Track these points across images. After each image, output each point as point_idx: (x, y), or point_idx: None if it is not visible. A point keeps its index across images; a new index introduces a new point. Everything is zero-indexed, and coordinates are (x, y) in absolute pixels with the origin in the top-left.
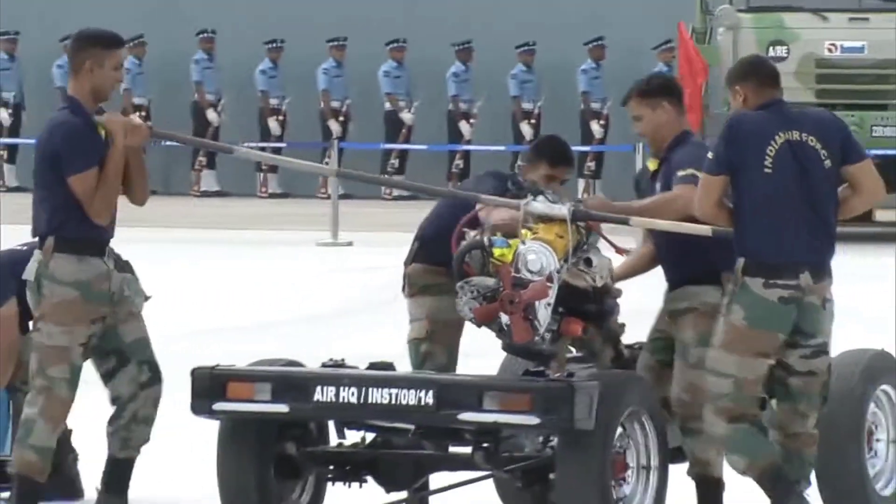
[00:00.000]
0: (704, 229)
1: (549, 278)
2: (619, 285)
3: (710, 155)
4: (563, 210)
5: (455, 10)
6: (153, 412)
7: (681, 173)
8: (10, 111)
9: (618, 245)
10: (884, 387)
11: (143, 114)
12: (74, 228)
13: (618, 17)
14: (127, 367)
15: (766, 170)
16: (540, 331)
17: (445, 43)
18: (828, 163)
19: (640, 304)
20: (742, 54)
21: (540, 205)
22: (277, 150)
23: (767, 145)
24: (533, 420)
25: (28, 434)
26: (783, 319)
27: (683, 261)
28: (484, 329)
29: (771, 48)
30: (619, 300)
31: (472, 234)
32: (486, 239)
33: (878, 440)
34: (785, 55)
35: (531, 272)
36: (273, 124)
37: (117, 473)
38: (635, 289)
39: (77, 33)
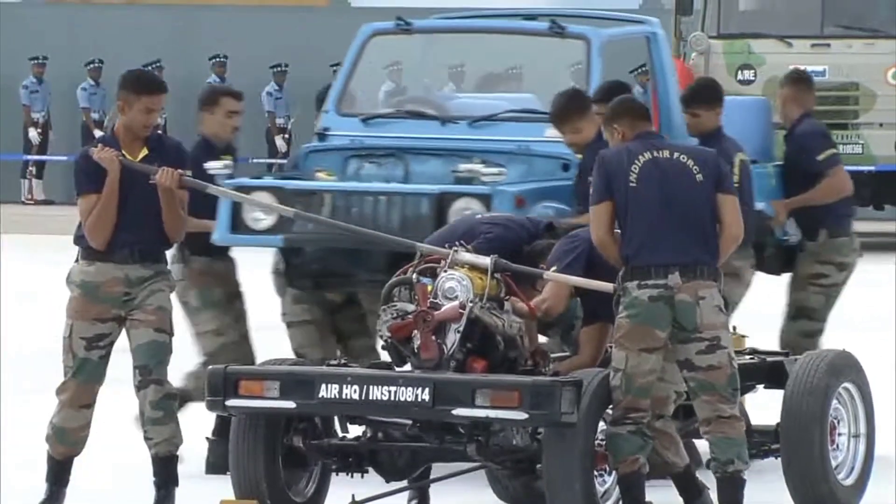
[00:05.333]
0: (606, 286)
1: (462, 306)
2: None
3: (591, 189)
4: (486, 260)
5: None
6: (154, 413)
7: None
8: (38, 130)
9: (527, 302)
10: (846, 384)
11: (160, 131)
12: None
13: None
14: (133, 371)
15: (632, 184)
16: (447, 353)
17: None
18: (700, 177)
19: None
20: (713, 76)
21: (467, 255)
22: (283, 166)
23: (632, 164)
24: (521, 415)
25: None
26: (657, 316)
27: None
28: None
29: (739, 72)
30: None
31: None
32: (414, 276)
33: (840, 434)
34: (752, 78)
35: (448, 298)
36: (279, 141)
37: (155, 469)
38: None
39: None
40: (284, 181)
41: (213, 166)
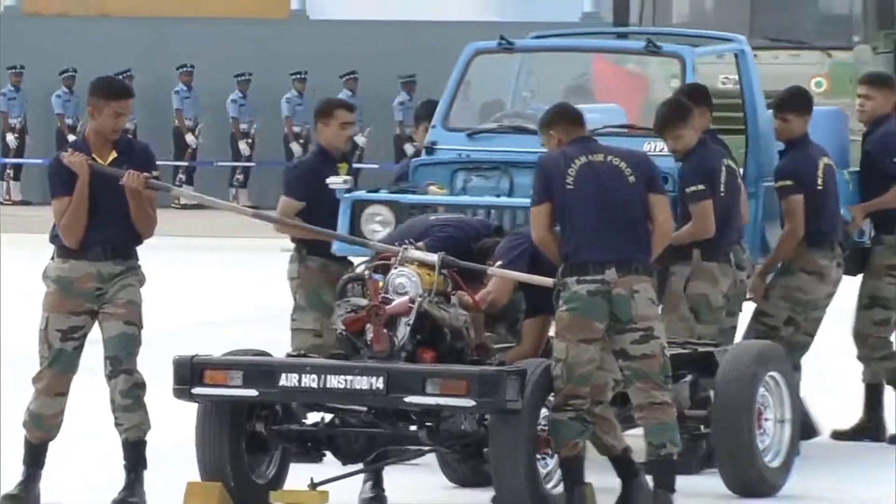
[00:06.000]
0: (547, 281)
1: (412, 300)
2: None
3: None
4: (434, 257)
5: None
6: (124, 401)
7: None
8: (16, 135)
9: (473, 296)
10: (772, 373)
11: (130, 135)
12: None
13: None
14: (105, 361)
15: (569, 186)
16: (398, 344)
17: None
18: (632, 178)
19: None
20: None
21: (416, 252)
22: (247, 169)
23: (568, 167)
24: (469, 402)
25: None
26: (595, 309)
27: None
28: None
29: (673, 80)
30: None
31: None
32: (366, 272)
33: (766, 419)
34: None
35: (398, 293)
36: (243, 146)
37: (125, 454)
38: None
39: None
40: (400, 195)
41: (333, 181)
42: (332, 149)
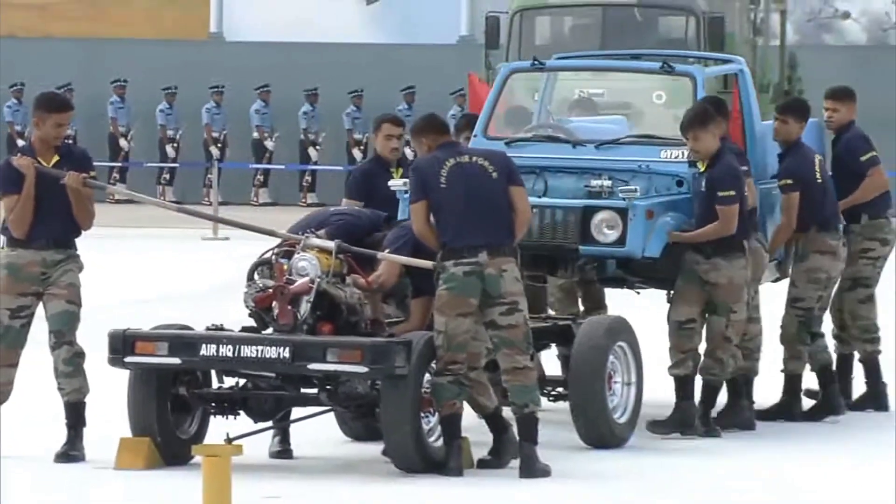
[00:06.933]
0: (428, 264)
1: (312, 281)
2: None
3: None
4: (331, 244)
5: (315, 63)
6: (66, 368)
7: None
8: None
9: (366, 277)
10: (620, 343)
11: (71, 141)
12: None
13: (427, 71)
14: (49, 335)
15: (442, 185)
16: (300, 319)
17: (299, 89)
18: (495, 175)
19: None
20: (518, 99)
21: (316, 240)
22: (173, 169)
23: (441, 169)
24: (363, 369)
25: None
26: (470, 287)
27: None
28: None
29: (535, 94)
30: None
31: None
32: (273, 257)
33: (615, 382)
34: (528, 101)
35: (300, 275)
36: (169, 149)
37: (66, 413)
38: None
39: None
40: None
41: (394, 184)
42: (384, 156)
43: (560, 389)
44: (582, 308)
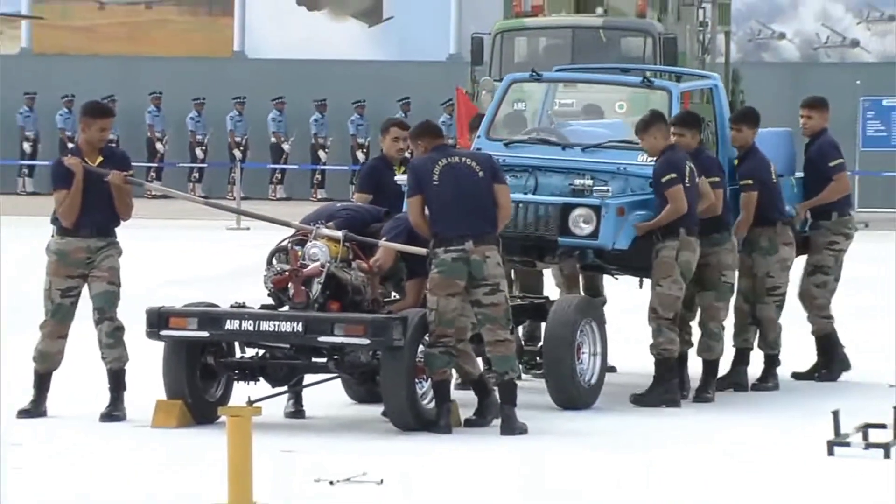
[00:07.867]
0: (422, 251)
1: (322, 266)
2: None
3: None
4: (338, 234)
5: (324, 76)
6: (108, 340)
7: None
8: (30, 143)
9: (368, 262)
10: (588, 318)
11: (113, 144)
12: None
13: (420, 85)
14: (93, 312)
15: (435, 182)
16: (312, 298)
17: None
18: (481, 174)
19: None
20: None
21: (325, 230)
22: (201, 169)
23: (434, 168)
24: (366, 341)
25: (38, 342)
26: (458, 271)
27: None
28: None
29: (515, 104)
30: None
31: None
32: (288, 245)
33: (583, 353)
34: (523, 108)
35: (312, 260)
36: (198, 151)
37: (109, 379)
38: None
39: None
40: None
41: (400, 178)
42: (389, 156)
43: (537, 359)
44: (583, 293)
